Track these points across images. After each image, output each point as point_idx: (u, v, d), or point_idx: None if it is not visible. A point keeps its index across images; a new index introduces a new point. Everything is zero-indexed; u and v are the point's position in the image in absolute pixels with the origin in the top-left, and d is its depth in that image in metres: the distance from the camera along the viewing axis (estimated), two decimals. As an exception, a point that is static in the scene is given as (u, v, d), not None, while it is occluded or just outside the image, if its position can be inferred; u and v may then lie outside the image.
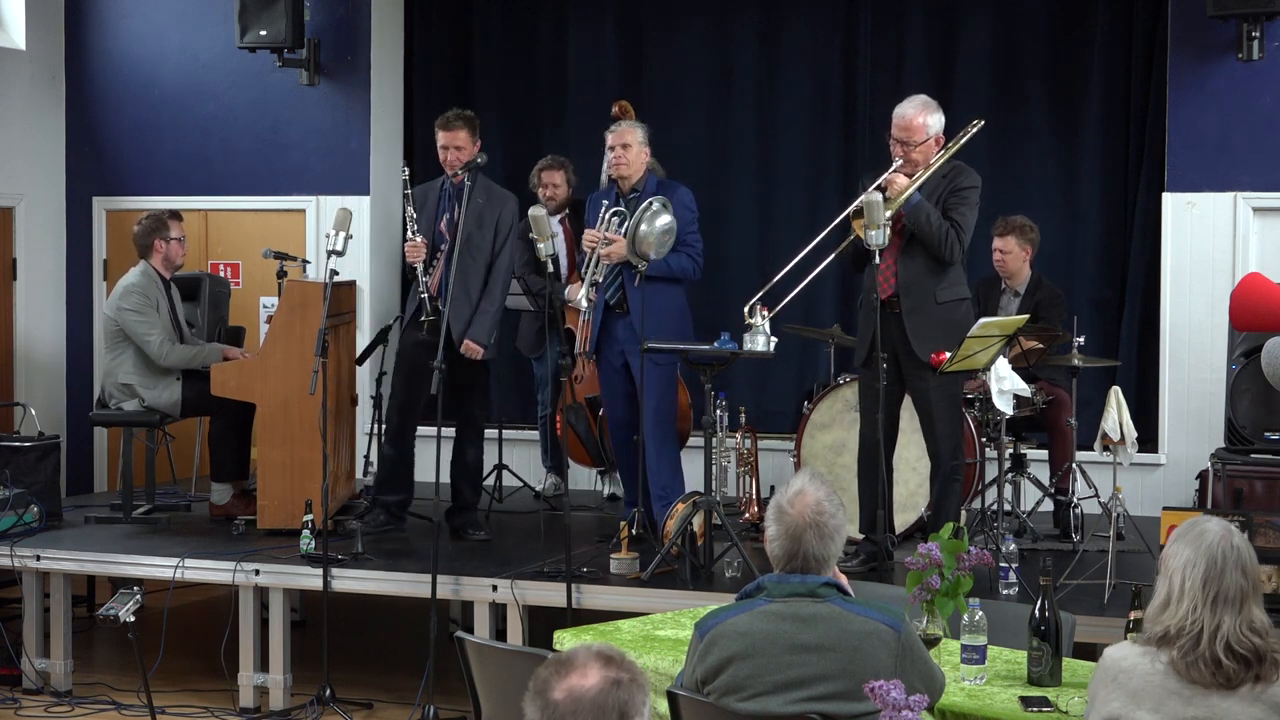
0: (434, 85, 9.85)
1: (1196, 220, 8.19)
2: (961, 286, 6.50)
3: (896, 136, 6.39)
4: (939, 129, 6.41)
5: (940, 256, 6.34)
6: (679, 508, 6.58)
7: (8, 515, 7.27)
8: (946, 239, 6.30)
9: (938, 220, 6.31)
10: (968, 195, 6.40)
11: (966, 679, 4.17)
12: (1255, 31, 7.88)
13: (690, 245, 7.05)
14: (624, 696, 2.49)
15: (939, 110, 6.45)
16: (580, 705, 2.47)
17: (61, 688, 7.05)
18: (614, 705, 2.48)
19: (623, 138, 7.04)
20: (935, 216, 6.31)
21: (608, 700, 2.48)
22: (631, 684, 2.51)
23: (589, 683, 2.49)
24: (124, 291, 7.66)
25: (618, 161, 7.03)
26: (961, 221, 6.35)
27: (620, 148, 7.03)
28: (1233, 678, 3.25)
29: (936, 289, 6.37)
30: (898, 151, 6.39)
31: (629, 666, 2.53)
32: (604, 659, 2.52)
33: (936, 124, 6.40)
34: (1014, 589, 5.98)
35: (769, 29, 9.25)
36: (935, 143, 6.41)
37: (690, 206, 7.10)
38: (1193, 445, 8.07)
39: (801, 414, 7.53)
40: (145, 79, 9.86)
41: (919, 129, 6.36)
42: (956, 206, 6.36)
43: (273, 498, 7.31)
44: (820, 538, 3.60)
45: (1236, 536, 3.35)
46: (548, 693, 2.50)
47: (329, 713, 6.51)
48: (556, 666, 2.52)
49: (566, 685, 2.49)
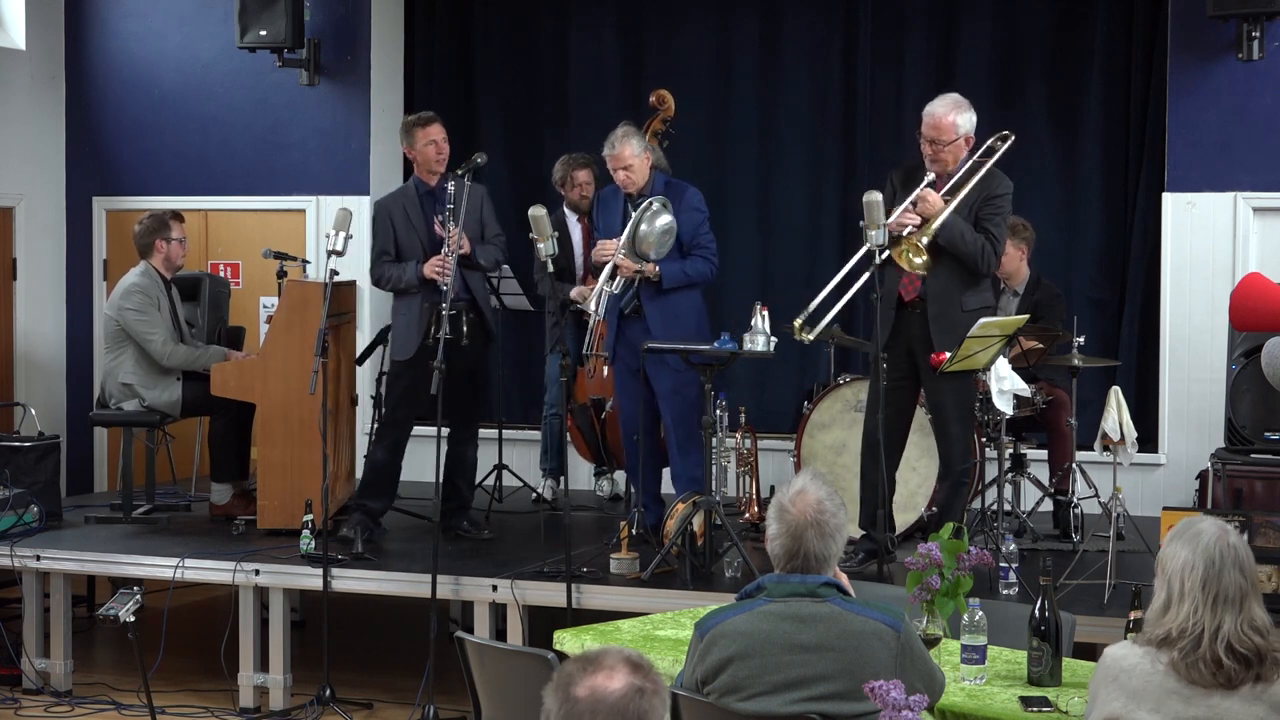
0: (434, 85, 9.84)
1: (1196, 220, 8.19)
2: (988, 294, 6.46)
3: (926, 135, 6.34)
4: (969, 129, 6.35)
5: (976, 270, 6.32)
6: (679, 508, 6.58)
7: (8, 515, 7.27)
8: (983, 253, 6.28)
9: (971, 236, 6.26)
10: (1001, 204, 6.35)
11: (966, 679, 4.18)
12: (1255, 31, 7.88)
13: (704, 247, 7.00)
14: (645, 705, 2.48)
15: (970, 109, 6.39)
16: (600, 706, 2.47)
17: (61, 688, 7.05)
18: (634, 712, 2.47)
19: (621, 160, 6.88)
20: (969, 233, 6.27)
21: (629, 707, 2.47)
22: (654, 695, 2.51)
23: (614, 685, 2.48)
24: (125, 291, 7.66)
25: (625, 183, 6.94)
26: (996, 232, 6.32)
27: (623, 171, 6.91)
28: (1234, 678, 3.26)
29: (964, 296, 6.31)
30: (927, 151, 6.35)
31: (654, 677, 2.53)
32: (632, 665, 2.52)
33: (966, 124, 6.35)
34: (1014, 589, 5.98)
35: (769, 29, 9.25)
36: (965, 143, 6.35)
37: (700, 207, 7.05)
38: (1193, 445, 8.07)
39: (801, 414, 7.53)
40: (145, 79, 9.86)
41: (949, 128, 6.31)
42: (991, 217, 6.31)
43: (273, 498, 7.31)
44: (821, 537, 3.60)
45: (1232, 535, 3.35)
46: (571, 687, 2.49)
47: (329, 713, 6.51)
48: (584, 663, 2.52)
49: (591, 684, 2.49)
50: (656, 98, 8.02)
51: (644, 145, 6.99)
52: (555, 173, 8.42)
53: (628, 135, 6.94)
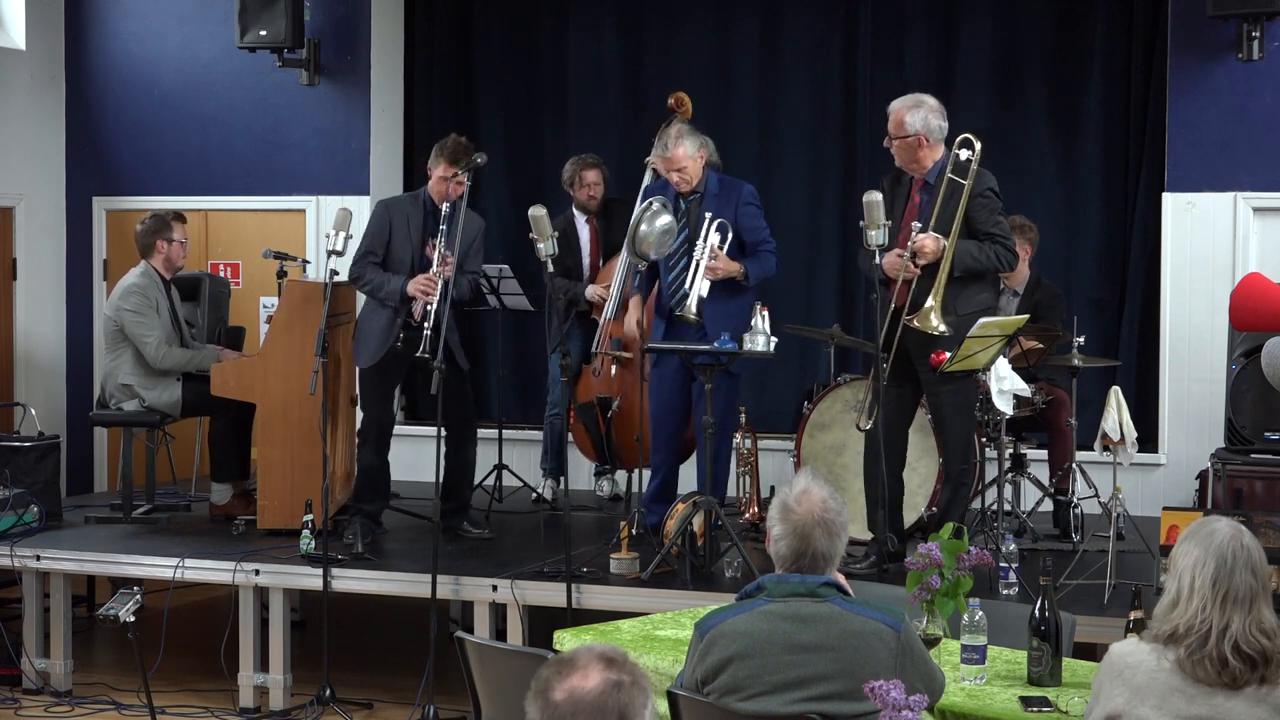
0: (434, 85, 9.85)
1: (1196, 220, 8.19)
2: (983, 295, 6.43)
3: (888, 129, 6.40)
4: (922, 127, 6.31)
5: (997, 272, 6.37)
6: (679, 508, 6.58)
7: (8, 515, 7.27)
8: (998, 259, 6.31)
9: (980, 251, 6.27)
10: (989, 201, 6.34)
11: (966, 679, 4.18)
12: (1255, 31, 7.88)
13: (766, 242, 6.98)
14: (624, 699, 2.48)
15: (930, 110, 6.35)
16: (580, 706, 2.47)
17: (61, 688, 7.05)
18: (614, 707, 2.47)
19: (675, 163, 6.83)
20: (977, 249, 6.27)
21: (608, 702, 2.47)
22: (633, 686, 2.50)
23: (590, 684, 2.48)
24: (124, 292, 7.67)
25: (679, 184, 6.89)
26: (999, 230, 6.33)
27: (677, 173, 6.85)
28: (1238, 678, 3.25)
29: (956, 301, 6.30)
30: (887, 143, 6.40)
31: (631, 669, 2.53)
32: (606, 660, 2.52)
33: (917, 123, 6.31)
34: (1014, 589, 5.98)
35: (769, 29, 9.25)
36: (920, 141, 6.33)
37: (756, 203, 7.02)
38: (1193, 445, 8.07)
39: (801, 414, 7.53)
40: (145, 79, 9.86)
41: (899, 124, 6.34)
42: (987, 217, 6.31)
43: (273, 498, 7.31)
44: (829, 535, 3.61)
45: (1246, 536, 3.35)
46: (549, 693, 2.49)
47: (329, 713, 6.51)
48: (558, 667, 2.52)
49: (568, 686, 2.49)
50: (675, 100, 8.02)
51: (698, 144, 6.92)
52: (565, 173, 8.42)
53: (681, 136, 6.89)
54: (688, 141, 6.87)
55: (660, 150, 6.94)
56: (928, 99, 6.43)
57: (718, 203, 6.91)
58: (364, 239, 7.12)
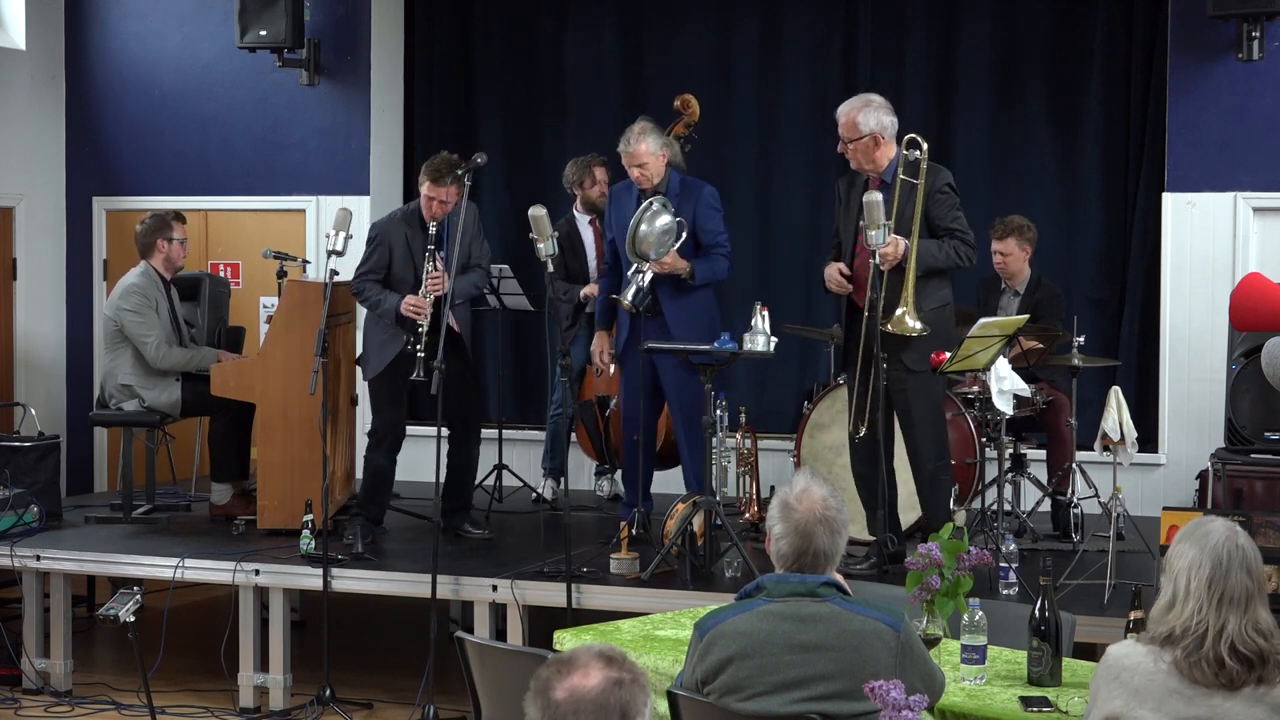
0: (434, 85, 9.85)
1: (1196, 220, 8.19)
2: (944, 292, 6.39)
3: (840, 134, 6.38)
4: (875, 127, 6.30)
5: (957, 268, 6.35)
6: (679, 508, 6.58)
7: (8, 515, 7.27)
8: (960, 256, 6.29)
9: (939, 250, 6.25)
10: (946, 197, 6.31)
11: (966, 679, 4.18)
12: (1255, 31, 7.88)
13: (722, 245, 7.00)
14: (625, 697, 2.49)
15: (879, 108, 6.35)
16: (581, 705, 2.47)
17: (61, 688, 7.05)
18: (615, 705, 2.48)
19: (636, 158, 6.88)
20: (935, 247, 6.25)
21: (609, 701, 2.48)
22: (633, 684, 2.51)
23: (590, 683, 2.49)
24: (124, 292, 7.67)
25: (640, 180, 6.94)
26: (959, 225, 6.31)
27: (638, 169, 6.90)
28: (1235, 679, 3.25)
29: (919, 299, 6.25)
30: (841, 148, 6.39)
31: (630, 667, 2.53)
32: (606, 659, 2.52)
33: (872, 122, 6.30)
34: (1014, 589, 5.98)
35: (769, 29, 9.25)
36: (875, 141, 6.31)
37: (716, 205, 7.04)
38: (1193, 445, 8.07)
39: (801, 414, 7.53)
40: (145, 79, 9.86)
41: (851, 125, 6.32)
42: (946, 213, 6.29)
43: (273, 498, 7.31)
44: (830, 533, 3.61)
45: (1242, 537, 3.34)
46: (549, 692, 2.50)
47: (329, 713, 6.51)
48: (558, 666, 2.52)
49: (568, 685, 2.49)
50: (681, 102, 8.01)
51: (660, 142, 6.96)
52: (568, 174, 8.34)
53: (644, 132, 6.92)
54: (650, 139, 6.90)
55: (623, 145, 6.97)
56: (875, 97, 6.44)
57: (677, 201, 6.93)
58: (364, 260, 7.15)
